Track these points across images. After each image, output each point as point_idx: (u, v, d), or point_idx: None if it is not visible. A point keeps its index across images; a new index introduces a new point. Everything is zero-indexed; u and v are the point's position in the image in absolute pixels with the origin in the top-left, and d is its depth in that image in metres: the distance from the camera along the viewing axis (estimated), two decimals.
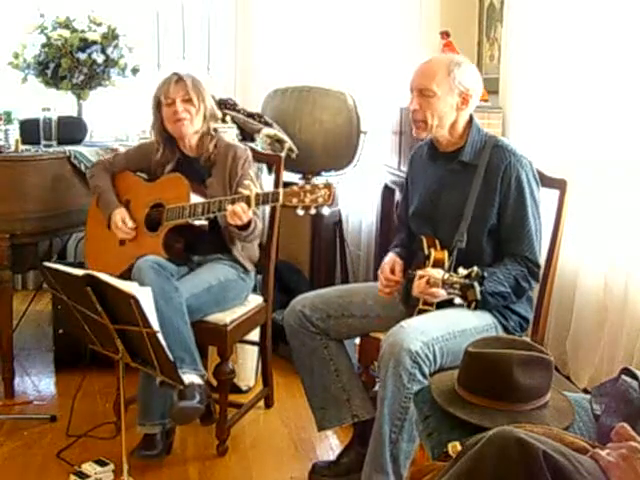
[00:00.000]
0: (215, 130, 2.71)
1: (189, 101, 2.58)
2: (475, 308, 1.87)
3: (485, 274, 1.95)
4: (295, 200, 2.25)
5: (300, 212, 2.27)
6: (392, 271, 2.33)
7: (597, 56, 2.61)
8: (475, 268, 1.89)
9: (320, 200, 2.24)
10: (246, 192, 2.36)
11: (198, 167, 2.67)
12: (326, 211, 2.30)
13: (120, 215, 2.64)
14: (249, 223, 2.44)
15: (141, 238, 2.63)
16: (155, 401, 2.49)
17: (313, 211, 2.27)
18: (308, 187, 2.26)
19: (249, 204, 2.35)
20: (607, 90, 2.58)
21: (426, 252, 2.23)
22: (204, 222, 2.56)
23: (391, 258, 2.37)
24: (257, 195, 2.34)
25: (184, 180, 2.57)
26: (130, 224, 2.63)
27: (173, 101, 2.58)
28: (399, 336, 2.06)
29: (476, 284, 1.85)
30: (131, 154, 2.80)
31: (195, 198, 2.54)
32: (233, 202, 2.38)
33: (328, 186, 2.25)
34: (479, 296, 1.85)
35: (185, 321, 2.39)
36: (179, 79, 2.60)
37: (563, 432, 1.45)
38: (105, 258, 2.71)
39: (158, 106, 2.63)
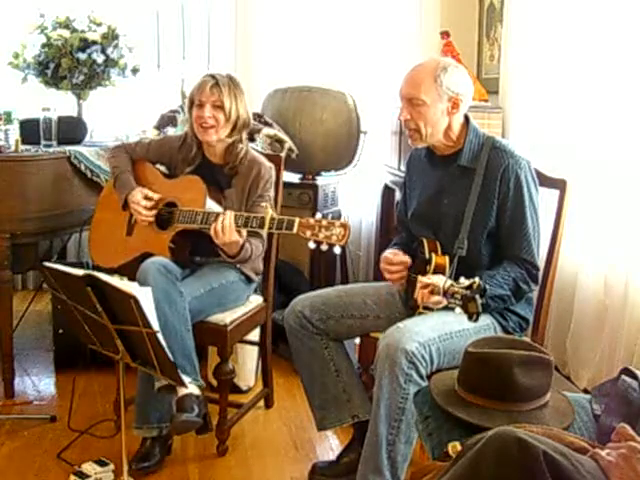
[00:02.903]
0: (242, 140, 2.66)
1: (220, 108, 2.53)
2: (476, 320, 1.87)
3: (486, 286, 1.95)
4: (309, 233, 2.20)
5: (311, 245, 2.20)
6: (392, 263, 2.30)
7: (597, 56, 2.62)
8: (477, 280, 1.89)
9: (334, 239, 2.17)
10: (260, 214, 2.32)
11: (220, 175, 2.64)
12: (337, 250, 2.19)
13: (141, 193, 2.58)
14: (240, 250, 2.43)
15: (148, 233, 2.60)
16: (152, 405, 2.48)
17: (325, 247, 2.19)
18: (324, 223, 2.19)
19: (262, 227, 2.32)
20: (607, 90, 2.58)
21: (427, 256, 2.23)
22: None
23: (391, 250, 2.35)
24: (272, 219, 2.29)
25: (202, 184, 2.53)
26: (155, 196, 2.57)
27: (203, 104, 2.53)
28: (395, 337, 2.06)
29: (477, 297, 1.85)
30: (153, 145, 2.76)
31: (210, 204, 2.51)
32: (247, 221, 2.34)
33: (344, 225, 2.17)
34: (480, 309, 1.85)
35: (188, 329, 2.38)
36: (215, 84, 2.52)
37: (563, 432, 1.44)
38: (108, 247, 2.69)
39: (191, 105, 2.58)
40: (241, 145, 2.63)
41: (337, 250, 2.20)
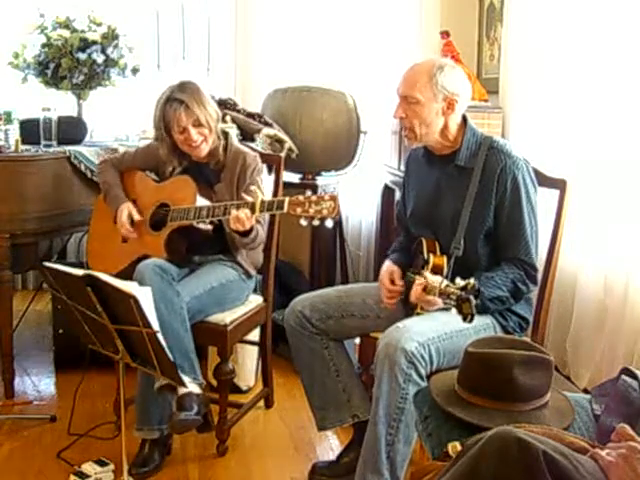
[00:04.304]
0: (226, 134, 2.68)
1: (200, 125, 2.54)
2: (470, 321, 1.87)
3: (481, 288, 1.95)
4: (299, 210, 2.23)
5: (303, 222, 2.24)
6: (392, 282, 2.31)
7: (597, 56, 2.62)
8: (472, 280, 1.89)
9: (324, 212, 2.21)
10: (250, 199, 2.35)
11: (207, 172, 2.66)
12: (330, 223, 2.24)
13: (127, 210, 2.63)
14: (251, 230, 2.43)
15: (144, 237, 2.63)
16: (153, 406, 2.48)
17: (316, 222, 2.23)
18: (314, 198, 2.23)
19: (253, 211, 2.33)
20: (607, 90, 2.58)
21: (425, 256, 2.23)
22: (209, 227, 2.55)
23: (387, 268, 2.35)
24: (262, 202, 2.32)
25: (191, 182, 2.56)
26: (137, 217, 2.62)
27: (185, 129, 2.54)
28: (395, 336, 2.06)
29: (472, 297, 1.85)
30: (140, 153, 2.79)
31: (201, 201, 2.53)
32: (238, 208, 2.37)
33: (333, 198, 2.22)
34: (474, 310, 1.85)
35: (185, 328, 2.39)
36: (187, 107, 2.51)
37: (563, 432, 1.45)
38: (106, 254, 2.71)
39: (168, 131, 2.57)
40: (219, 140, 2.64)
41: (329, 223, 2.25)
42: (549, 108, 2.92)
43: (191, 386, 2.31)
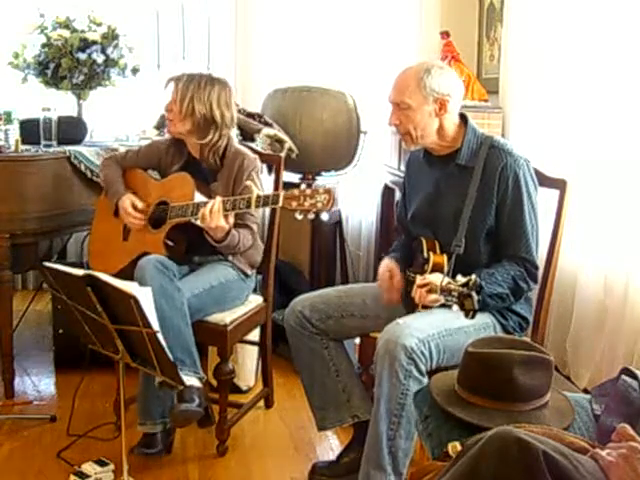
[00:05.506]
0: (222, 139, 2.66)
1: (173, 102, 2.59)
2: (473, 317, 1.87)
3: (482, 283, 1.95)
4: (294, 204, 2.24)
5: (299, 216, 2.24)
6: (391, 278, 2.32)
7: (597, 56, 2.62)
8: (473, 277, 1.89)
9: (319, 205, 2.22)
10: (247, 195, 2.35)
11: (204, 170, 2.67)
12: (325, 217, 2.26)
13: (129, 200, 2.64)
14: (227, 235, 2.45)
15: (144, 235, 2.63)
16: (155, 400, 2.50)
17: (312, 216, 2.24)
18: (308, 191, 2.23)
19: (250, 206, 2.34)
20: (607, 90, 2.58)
21: (425, 255, 2.23)
22: None
23: (386, 264, 2.36)
24: (257, 197, 2.32)
25: (190, 179, 2.56)
26: (140, 205, 2.63)
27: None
28: (394, 333, 2.07)
29: (474, 294, 1.85)
30: (142, 151, 2.81)
31: (200, 198, 2.53)
32: (234, 204, 2.38)
33: (328, 191, 2.22)
34: (476, 306, 1.85)
35: (186, 322, 2.39)
36: (173, 79, 2.61)
37: (563, 432, 1.44)
38: (107, 253, 2.72)
39: None
40: (219, 143, 2.63)
41: (324, 217, 2.27)
42: (549, 108, 2.92)
43: (192, 380, 2.32)
